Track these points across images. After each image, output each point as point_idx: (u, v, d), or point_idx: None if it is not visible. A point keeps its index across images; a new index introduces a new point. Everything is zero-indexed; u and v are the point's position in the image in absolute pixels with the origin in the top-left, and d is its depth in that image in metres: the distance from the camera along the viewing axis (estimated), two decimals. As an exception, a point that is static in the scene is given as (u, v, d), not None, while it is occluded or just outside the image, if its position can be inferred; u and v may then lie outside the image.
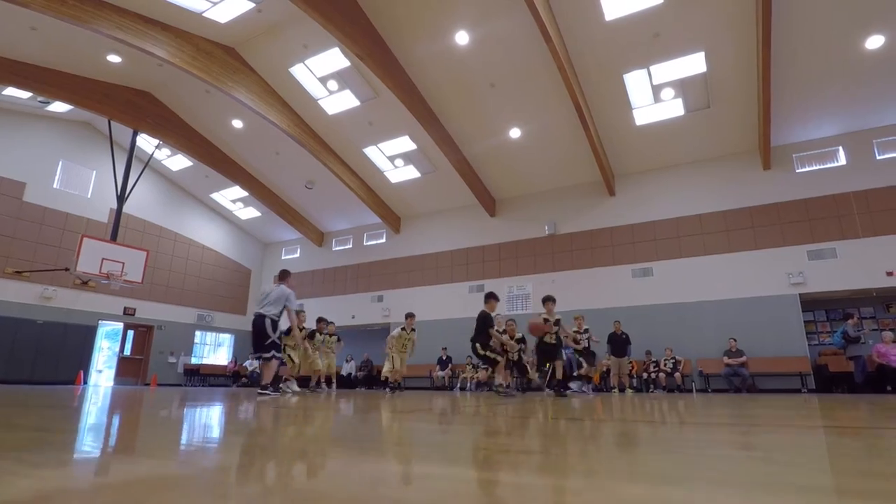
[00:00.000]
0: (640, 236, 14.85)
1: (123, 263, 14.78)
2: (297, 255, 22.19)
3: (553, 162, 15.49)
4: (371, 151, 16.57)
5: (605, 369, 13.80)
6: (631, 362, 13.28)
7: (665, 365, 13.14)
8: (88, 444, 1.94)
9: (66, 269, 13.97)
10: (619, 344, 12.78)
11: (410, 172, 17.14)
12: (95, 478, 1.27)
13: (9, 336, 15.11)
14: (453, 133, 15.17)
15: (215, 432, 2.50)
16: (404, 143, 15.92)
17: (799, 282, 12.50)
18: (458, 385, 15.73)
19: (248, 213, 21.23)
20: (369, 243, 20.49)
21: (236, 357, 20.58)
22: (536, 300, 16.00)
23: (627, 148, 14.59)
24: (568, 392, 9.88)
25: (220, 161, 18.02)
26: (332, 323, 12.38)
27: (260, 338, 7.19)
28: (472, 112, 14.35)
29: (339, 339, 12.46)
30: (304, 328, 10.57)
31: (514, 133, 14.70)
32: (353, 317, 19.76)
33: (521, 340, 10.61)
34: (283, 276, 7.72)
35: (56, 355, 15.89)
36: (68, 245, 16.77)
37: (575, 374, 11.55)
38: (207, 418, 3.14)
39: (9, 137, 15.91)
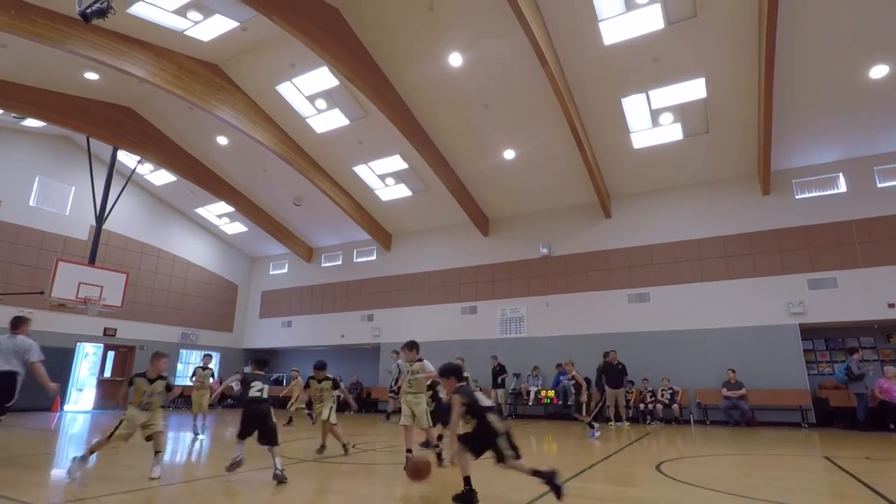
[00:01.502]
0: (636, 260, 14.52)
1: (102, 287, 14.17)
2: (286, 270, 21.66)
3: (548, 183, 15.12)
4: (361, 170, 16.09)
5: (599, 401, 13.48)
6: (630, 392, 12.95)
7: (662, 395, 12.83)
8: None
9: (41, 293, 13.35)
10: (614, 374, 12.43)
11: (402, 191, 16.69)
12: None
13: (-19, 362, 14.44)
14: (446, 153, 14.74)
15: None
16: (395, 162, 15.47)
17: (799, 311, 12.24)
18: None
19: (235, 227, 20.67)
20: (359, 260, 20.01)
21: (222, 377, 19.97)
22: (531, 323, 15.67)
23: (624, 171, 14.25)
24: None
25: (204, 177, 17.45)
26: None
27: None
28: (465, 132, 13.93)
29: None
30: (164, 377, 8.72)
31: (509, 154, 14.30)
32: (343, 336, 19.29)
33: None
34: (17, 324, 6.23)
35: (32, 380, 15.20)
36: (45, 265, 16.11)
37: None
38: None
39: (-18, 154, 15.24)
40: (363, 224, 18.04)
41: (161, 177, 18.48)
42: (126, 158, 17.15)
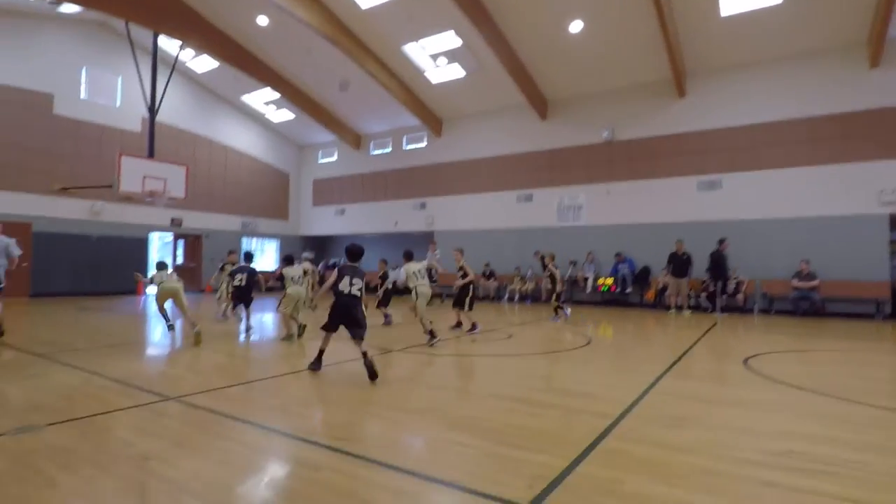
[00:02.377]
0: (710, 144, 13.48)
1: (165, 180, 14.50)
2: (335, 158, 21.47)
3: (617, 58, 13.71)
4: (411, 49, 14.95)
5: (660, 286, 13.46)
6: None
7: (728, 285, 12.61)
8: None
9: (110, 186, 13.79)
10: (680, 264, 12.23)
11: (454, 72, 15.58)
12: None
13: (68, 252, 15.52)
14: (505, 27, 13.39)
15: None
16: (449, 40, 14.23)
17: (892, 200, 11.30)
18: (507, 296, 15.75)
19: (282, 115, 20.19)
20: (409, 147, 19.51)
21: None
22: (590, 212, 15.28)
23: (708, 41, 12.66)
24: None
25: (247, 61, 16.71)
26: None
27: None
28: (527, 3, 12.46)
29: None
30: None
31: (576, 26, 12.85)
32: (396, 223, 19.51)
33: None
34: None
35: (114, 267, 16.38)
36: (107, 158, 16.41)
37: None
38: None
39: (26, 44, 14.90)
40: (413, 109, 17.25)
41: (203, 63, 17.83)
42: (167, 45, 16.51)
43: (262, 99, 19.40)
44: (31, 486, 2.53)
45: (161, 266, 7.80)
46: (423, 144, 19.17)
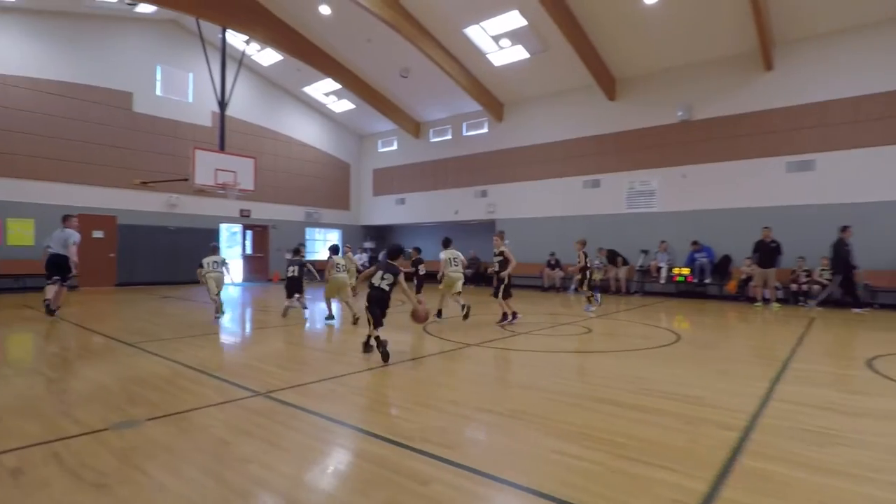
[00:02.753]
0: (800, 121, 12.30)
1: (235, 172, 14.91)
2: (395, 147, 21.46)
3: (696, 30, 12.72)
4: (473, 31, 14.54)
5: (743, 277, 12.52)
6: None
7: (820, 275, 11.55)
8: None
9: (185, 179, 14.34)
10: (767, 253, 11.29)
11: (517, 53, 15.04)
12: None
13: (149, 243, 16.37)
14: (573, 3, 12.72)
15: None
16: (512, 20, 13.70)
17: None
18: (573, 287, 15.18)
19: (342, 105, 20.35)
20: (469, 133, 19.17)
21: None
22: (663, 197, 14.42)
23: (798, 6, 11.48)
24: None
25: (310, 52, 16.87)
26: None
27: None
28: (598, -25, 11.75)
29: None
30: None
31: (651, -3, 12.00)
32: (457, 212, 19.29)
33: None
34: (65, 219, 8.90)
35: (190, 257, 17.10)
36: (181, 152, 17.15)
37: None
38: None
39: (105, 44, 15.67)
40: (474, 93, 16.87)
41: (267, 56, 18.18)
42: (234, 41, 16.90)
43: (323, 90, 19.61)
44: (139, 488, 2.46)
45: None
46: (483, 130, 18.77)
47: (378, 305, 5.42)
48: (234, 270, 20.07)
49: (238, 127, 18.44)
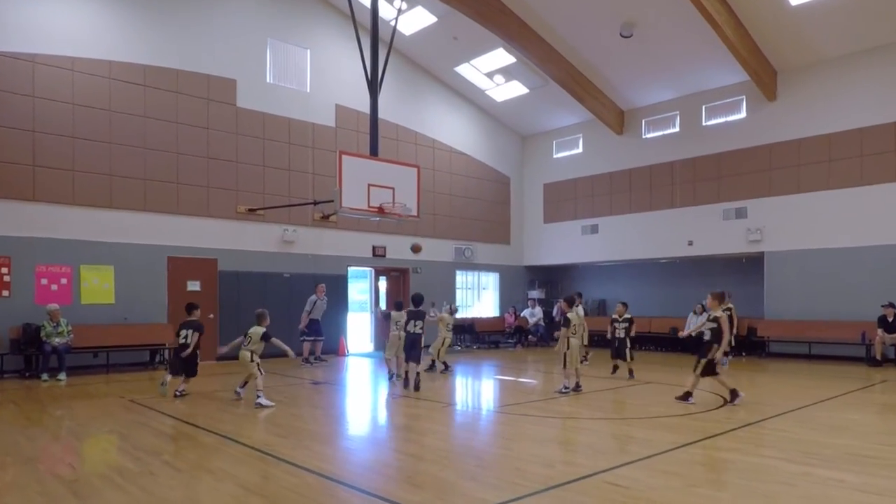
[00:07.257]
0: None
1: (393, 189, 9.13)
2: (579, 149, 15.03)
3: None
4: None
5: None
6: None
7: None
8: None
9: (331, 201, 8.75)
10: None
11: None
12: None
13: (257, 294, 10.61)
14: None
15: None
16: None
17: None
18: None
19: (509, 90, 14.17)
20: (712, 122, 12.70)
21: (514, 305, 14.92)
22: None
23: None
24: None
25: (488, 7, 11.08)
26: None
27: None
28: None
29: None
30: None
31: None
32: (691, 243, 12.64)
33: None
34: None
35: (331, 327, 11.61)
36: (298, 165, 11.84)
37: None
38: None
39: (207, 20, 10.72)
40: (737, 53, 10.46)
41: (414, 20, 12.46)
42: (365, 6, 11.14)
43: (484, 68, 13.68)
44: None
45: None
46: (739, 116, 12.23)
47: (412, 347, 7.10)
48: (364, 333, 14.30)
49: (367, 126, 12.59)
